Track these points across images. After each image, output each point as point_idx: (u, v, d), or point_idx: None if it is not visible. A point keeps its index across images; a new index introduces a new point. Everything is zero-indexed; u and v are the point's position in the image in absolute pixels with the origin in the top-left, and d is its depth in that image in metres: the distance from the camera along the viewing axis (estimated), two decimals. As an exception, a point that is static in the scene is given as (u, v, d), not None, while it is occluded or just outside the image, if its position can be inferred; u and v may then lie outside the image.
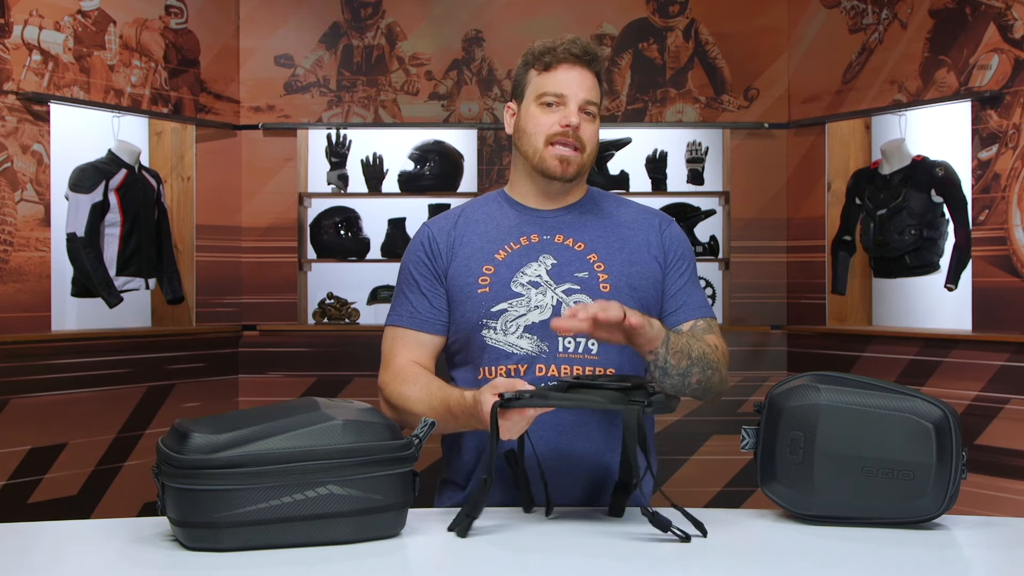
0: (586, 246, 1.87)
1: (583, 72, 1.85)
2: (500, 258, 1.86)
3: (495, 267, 1.85)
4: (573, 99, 1.84)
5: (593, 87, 1.86)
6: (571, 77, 1.84)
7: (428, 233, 1.93)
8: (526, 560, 1.44)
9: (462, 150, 4.92)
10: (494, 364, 1.81)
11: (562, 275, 1.83)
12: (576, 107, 1.84)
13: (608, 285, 1.83)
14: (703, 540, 1.57)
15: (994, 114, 3.91)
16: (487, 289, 1.83)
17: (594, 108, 1.86)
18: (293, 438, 1.43)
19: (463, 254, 1.88)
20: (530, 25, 4.76)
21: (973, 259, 4.00)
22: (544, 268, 1.84)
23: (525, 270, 1.84)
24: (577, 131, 1.83)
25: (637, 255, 1.88)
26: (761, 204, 4.85)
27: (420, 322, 1.88)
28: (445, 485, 1.94)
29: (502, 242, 1.88)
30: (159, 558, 1.41)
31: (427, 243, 1.92)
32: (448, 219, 1.96)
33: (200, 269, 4.67)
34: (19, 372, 3.89)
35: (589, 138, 1.86)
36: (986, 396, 3.90)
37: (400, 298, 1.92)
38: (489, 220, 1.93)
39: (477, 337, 1.82)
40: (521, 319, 1.81)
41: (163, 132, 4.69)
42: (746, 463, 4.57)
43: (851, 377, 1.61)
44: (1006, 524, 1.65)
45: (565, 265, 1.84)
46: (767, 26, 4.87)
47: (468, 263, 1.87)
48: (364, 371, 4.75)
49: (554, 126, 1.84)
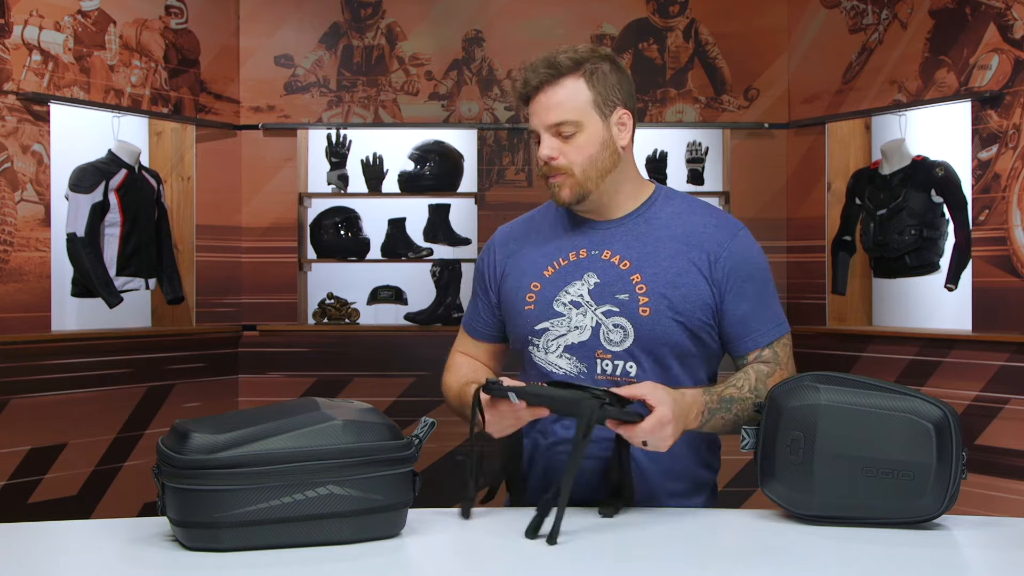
0: (631, 264, 1.82)
1: (547, 94, 1.79)
2: (547, 275, 1.86)
3: (542, 284, 1.85)
4: (543, 130, 1.81)
5: (560, 103, 1.79)
6: (537, 108, 1.82)
7: (492, 243, 1.99)
8: (526, 560, 1.44)
9: (462, 150, 4.92)
10: (541, 379, 1.82)
11: (603, 296, 1.80)
12: (547, 135, 1.80)
13: (648, 309, 1.77)
14: (703, 540, 1.57)
15: (994, 114, 3.91)
16: (532, 307, 1.85)
17: (570, 126, 1.78)
18: (293, 438, 1.43)
19: (517, 268, 1.91)
20: (530, 25, 4.76)
21: (973, 259, 4.00)
22: (587, 288, 1.82)
23: (569, 289, 1.83)
24: (552, 159, 1.80)
25: (685, 276, 1.79)
26: (761, 204, 4.85)
27: (473, 328, 2.00)
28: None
29: (552, 257, 1.87)
30: (159, 558, 1.41)
31: (487, 254, 1.99)
32: (514, 226, 2.00)
33: (200, 269, 4.67)
34: (19, 372, 3.89)
35: (575, 157, 1.79)
36: (986, 396, 3.90)
37: (471, 300, 2.03)
38: (549, 229, 1.92)
39: (526, 352, 1.88)
40: (561, 339, 1.81)
41: (163, 132, 4.69)
42: (746, 463, 4.57)
43: (851, 377, 1.61)
44: (1005, 524, 1.65)
45: (608, 285, 1.81)
46: (767, 26, 4.87)
47: (520, 279, 1.89)
48: (364, 371, 4.75)
49: (540, 160, 1.83)
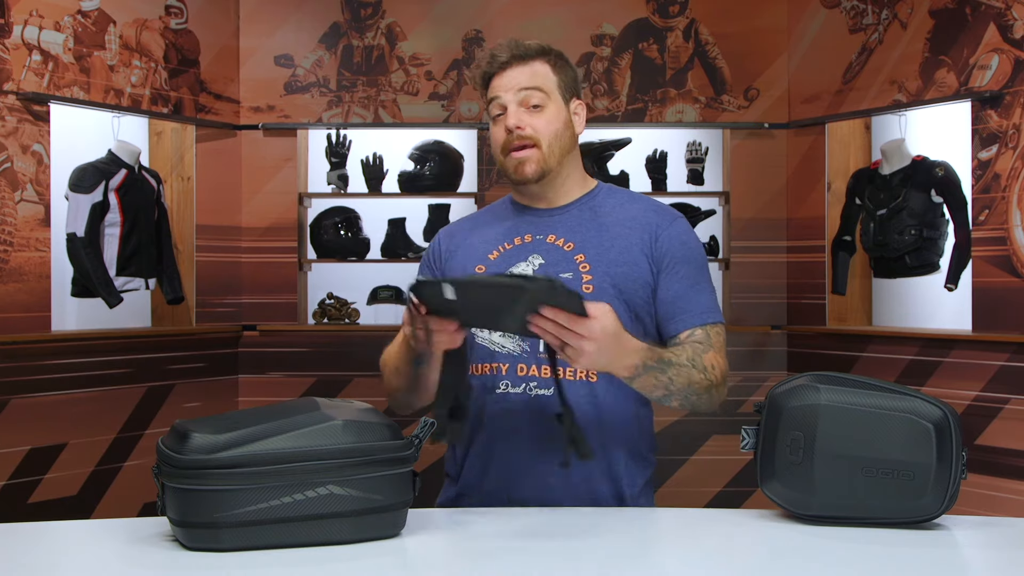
0: (575, 246, 1.85)
1: (515, 70, 1.83)
2: (492, 258, 1.88)
3: (486, 266, 1.87)
4: (509, 100, 1.82)
5: (531, 76, 1.82)
6: (503, 81, 1.83)
7: (438, 237, 2.01)
8: (526, 560, 1.44)
9: (462, 150, 4.92)
10: (482, 362, 1.83)
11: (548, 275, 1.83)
12: (514, 106, 1.82)
13: (591, 286, 1.80)
14: (704, 540, 1.57)
15: (994, 114, 3.91)
16: None
17: (540, 95, 1.82)
18: (293, 438, 1.43)
19: (460, 255, 1.92)
20: (530, 25, 4.76)
21: (973, 259, 4.00)
22: (531, 268, 1.84)
23: (513, 270, 1.84)
24: (520, 129, 1.81)
25: (627, 255, 1.83)
26: (761, 204, 4.85)
27: None
28: (444, 479, 1.95)
29: (498, 242, 1.90)
30: (159, 558, 1.41)
31: (433, 246, 1.99)
32: (461, 223, 2.03)
33: (200, 269, 4.67)
34: (19, 372, 3.89)
35: (543, 128, 1.82)
36: (986, 396, 3.90)
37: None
38: (493, 222, 1.95)
39: (469, 336, 1.81)
40: None
41: (163, 132, 4.69)
42: (746, 463, 4.57)
43: (851, 377, 1.61)
44: (1005, 524, 1.65)
45: (552, 265, 1.83)
46: (767, 26, 4.87)
47: (464, 263, 1.90)
48: (364, 371, 4.75)
49: (502, 134, 1.83)
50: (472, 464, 1.84)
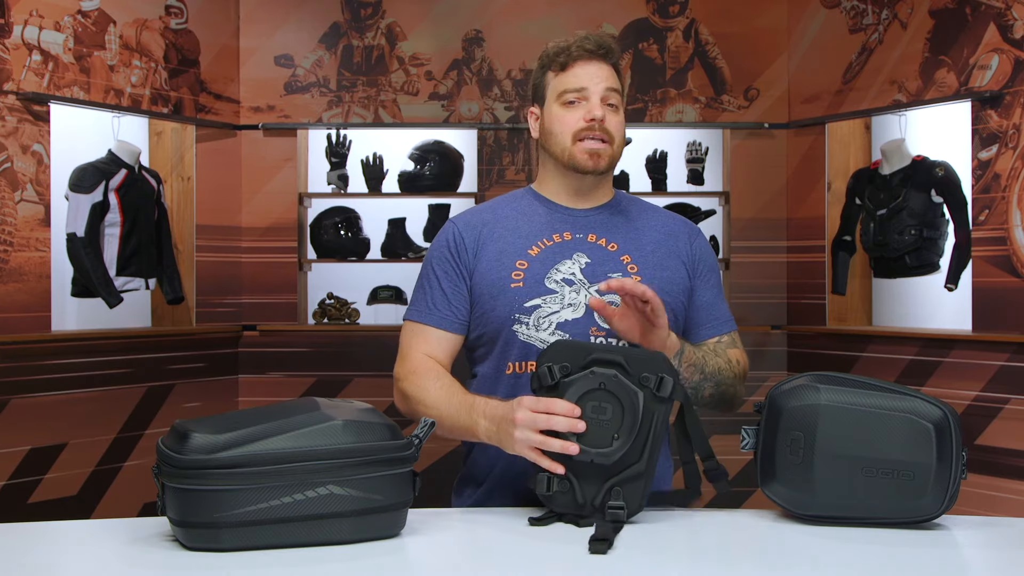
0: (619, 247, 1.86)
1: (600, 65, 1.85)
2: (534, 254, 1.84)
3: (529, 262, 1.83)
4: (594, 92, 1.84)
5: (612, 77, 1.86)
6: (589, 71, 1.85)
7: (454, 229, 1.91)
8: (526, 560, 1.44)
9: (462, 150, 4.92)
10: (524, 359, 1.80)
11: (596, 274, 1.82)
12: (598, 99, 1.83)
13: None
14: (703, 540, 1.57)
15: (994, 114, 3.91)
16: (521, 284, 1.82)
17: (616, 98, 1.86)
18: (293, 438, 1.43)
19: (494, 249, 1.86)
20: (530, 25, 4.76)
21: (973, 259, 4.00)
22: (578, 266, 1.82)
23: (559, 267, 1.82)
24: (603, 123, 1.83)
25: (668, 260, 1.87)
26: (761, 204, 4.85)
27: (438, 318, 1.86)
28: (464, 484, 1.91)
29: (535, 238, 1.87)
30: (159, 558, 1.41)
31: (453, 239, 1.89)
32: (476, 215, 1.94)
33: (200, 269, 4.67)
34: (19, 372, 3.89)
35: (616, 129, 1.85)
36: (986, 396, 3.90)
37: (420, 292, 1.90)
38: (520, 216, 1.91)
39: (508, 332, 1.81)
40: (554, 316, 1.79)
41: (163, 132, 4.69)
42: (746, 463, 4.56)
43: (851, 377, 1.61)
44: (1006, 524, 1.65)
45: (599, 265, 1.83)
46: (767, 26, 4.87)
47: (500, 258, 1.85)
48: (364, 371, 4.75)
49: (579, 122, 1.83)
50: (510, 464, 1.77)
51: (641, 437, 1.55)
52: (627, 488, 1.55)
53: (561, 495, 1.57)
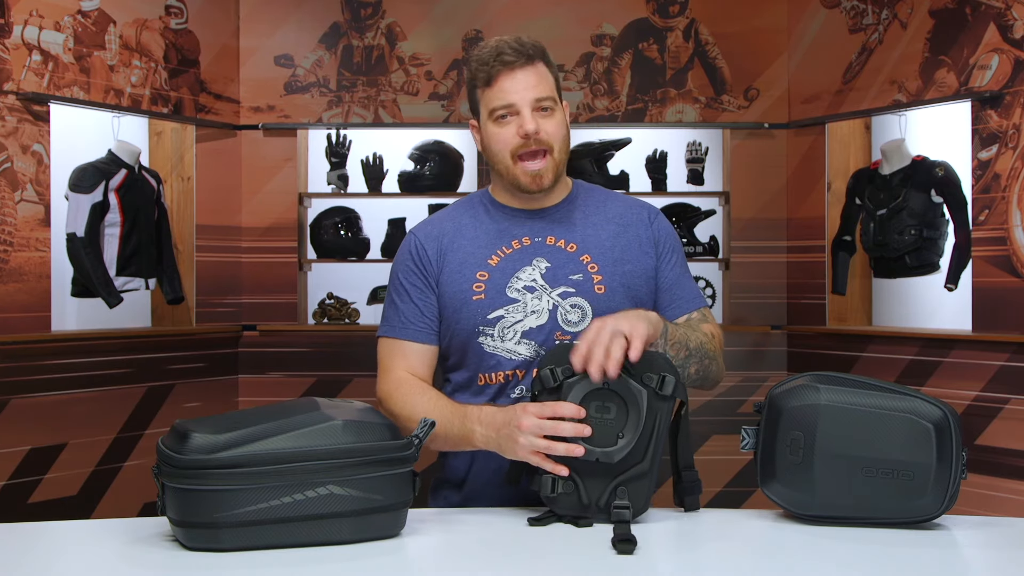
0: (578, 247, 1.85)
1: (524, 71, 1.80)
2: (493, 263, 1.84)
3: (489, 273, 1.83)
4: (523, 104, 1.79)
5: (540, 81, 1.80)
6: (514, 83, 1.79)
7: (415, 241, 1.91)
8: (525, 560, 1.44)
9: (462, 150, 4.92)
10: (493, 371, 1.81)
11: (557, 278, 1.82)
12: (529, 111, 1.79)
13: (603, 287, 1.82)
14: (703, 540, 1.57)
15: (994, 114, 3.91)
16: (483, 296, 1.81)
17: (550, 101, 1.81)
18: (293, 438, 1.43)
19: (455, 260, 1.86)
20: (530, 25, 4.76)
21: (973, 259, 4.00)
22: (539, 272, 1.82)
23: (520, 275, 1.82)
24: (538, 135, 1.79)
25: (628, 252, 1.87)
26: (761, 204, 4.85)
27: (413, 332, 1.86)
28: (441, 485, 1.93)
29: (494, 247, 1.86)
30: (159, 558, 1.41)
31: (416, 251, 1.90)
32: (434, 224, 1.93)
33: (200, 269, 4.67)
34: (19, 372, 3.89)
35: (554, 134, 1.81)
36: (986, 396, 3.90)
37: (391, 308, 1.89)
38: (477, 224, 1.90)
39: (474, 344, 1.81)
40: (518, 324, 1.80)
41: (163, 132, 4.69)
42: (746, 463, 4.57)
43: (851, 377, 1.61)
44: (1006, 524, 1.65)
45: (559, 268, 1.83)
46: (767, 26, 4.87)
47: (461, 269, 1.85)
48: (364, 371, 4.75)
49: (514, 138, 1.80)
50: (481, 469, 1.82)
51: (645, 436, 1.56)
52: (632, 488, 1.56)
53: (565, 496, 1.57)
